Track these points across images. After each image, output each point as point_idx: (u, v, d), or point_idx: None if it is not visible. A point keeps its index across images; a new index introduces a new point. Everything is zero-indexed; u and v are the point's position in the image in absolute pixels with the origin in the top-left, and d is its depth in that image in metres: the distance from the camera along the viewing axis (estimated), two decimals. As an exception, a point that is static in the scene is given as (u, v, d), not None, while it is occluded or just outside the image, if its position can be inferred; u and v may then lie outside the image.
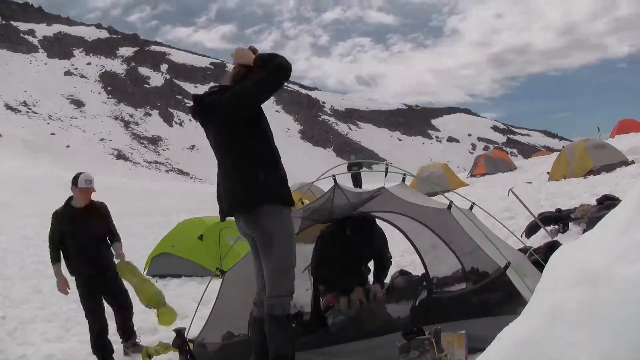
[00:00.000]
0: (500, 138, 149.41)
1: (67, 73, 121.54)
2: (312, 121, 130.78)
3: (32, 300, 7.13)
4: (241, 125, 3.46)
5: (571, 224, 6.87)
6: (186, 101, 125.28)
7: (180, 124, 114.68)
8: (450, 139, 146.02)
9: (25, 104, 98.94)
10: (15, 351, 5.08)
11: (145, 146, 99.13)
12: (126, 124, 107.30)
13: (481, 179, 21.01)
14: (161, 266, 9.03)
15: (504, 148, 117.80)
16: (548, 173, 15.05)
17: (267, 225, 3.42)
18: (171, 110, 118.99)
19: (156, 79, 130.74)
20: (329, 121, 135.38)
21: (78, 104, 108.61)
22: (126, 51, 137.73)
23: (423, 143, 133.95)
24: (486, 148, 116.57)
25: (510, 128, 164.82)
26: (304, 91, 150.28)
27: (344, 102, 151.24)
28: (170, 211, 23.83)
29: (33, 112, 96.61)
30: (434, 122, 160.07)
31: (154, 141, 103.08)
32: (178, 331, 4.40)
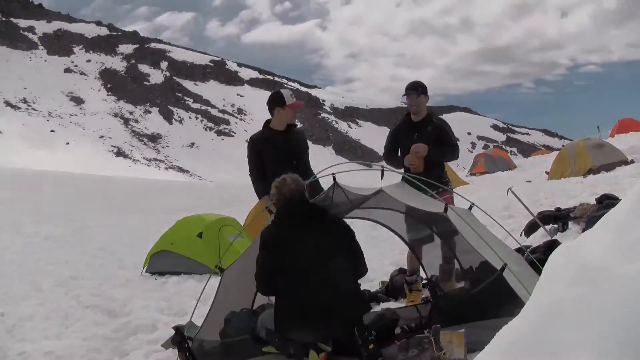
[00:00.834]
0: (499, 137, 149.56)
1: (67, 70, 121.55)
2: (312, 119, 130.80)
3: (31, 297, 7.11)
4: None
5: (570, 223, 6.87)
6: (186, 99, 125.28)
7: (180, 122, 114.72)
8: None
9: (25, 101, 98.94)
10: (14, 348, 5.08)
11: (144, 143, 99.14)
12: (126, 121, 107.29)
13: (481, 178, 21.03)
14: (160, 263, 9.03)
15: (504, 147, 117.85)
16: (547, 173, 15.06)
17: None
18: (171, 107, 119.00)
19: (156, 77, 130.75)
20: (329, 119, 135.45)
21: (78, 101, 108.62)
22: (126, 48, 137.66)
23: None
24: (486, 147, 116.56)
25: (509, 127, 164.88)
26: (304, 89, 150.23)
27: (344, 100, 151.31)
28: (169, 208, 23.84)
29: (33, 109, 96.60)
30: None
31: (154, 138, 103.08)
32: (177, 329, 4.41)
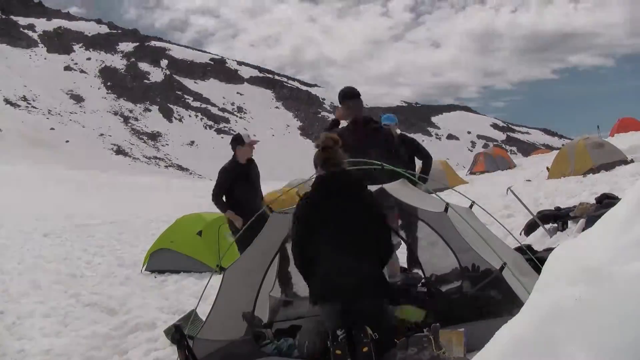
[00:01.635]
0: (499, 136, 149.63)
1: (67, 68, 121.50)
2: (312, 117, 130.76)
3: (31, 294, 7.12)
4: None
5: (570, 222, 6.86)
6: (186, 97, 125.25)
7: (179, 120, 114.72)
8: (449, 137, 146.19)
9: (24, 99, 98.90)
10: (13, 346, 5.08)
11: (144, 141, 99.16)
12: (125, 120, 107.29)
13: (480, 177, 21.03)
14: (160, 262, 9.04)
15: (504, 146, 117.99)
16: (548, 168, 15.04)
17: None
18: (171, 105, 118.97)
19: (156, 75, 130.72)
20: (329, 117, 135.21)
21: (78, 99, 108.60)
22: (126, 46, 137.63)
23: (423, 140, 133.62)
24: (486, 146, 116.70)
25: (509, 126, 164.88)
26: (304, 87, 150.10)
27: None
28: (169, 207, 23.84)
29: (32, 107, 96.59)
30: (434, 120, 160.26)
31: (154, 137, 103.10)
32: (177, 327, 4.39)
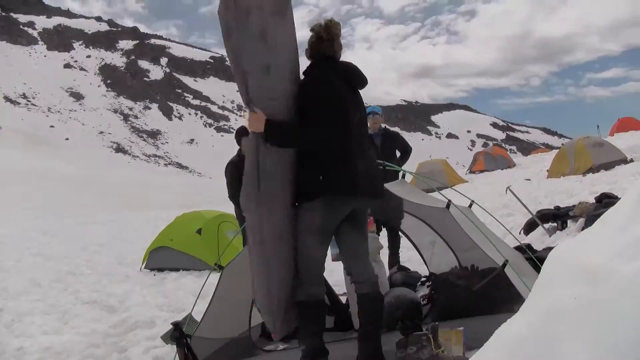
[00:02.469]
0: (499, 135, 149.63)
1: (67, 65, 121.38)
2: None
3: (30, 292, 7.13)
4: None
5: (569, 222, 6.87)
6: (186, 95, 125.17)
7: (179, 118, 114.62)
8: (449, 136, 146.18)
9: (24, 96, 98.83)
10: (12, 343, 5.08)
11: (144, 139, 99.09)
12: (125, 117, 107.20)
13: (480, 176, 21.06)
14: (159, 260, 9.05)
15: (503, 145, 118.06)
16: (547, 171, 15.06)
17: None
18: (170, 103, 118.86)
19: (156, 73, 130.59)
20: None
21: (77, 97, 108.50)
22: (126, 44, 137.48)
23: (422, 139, 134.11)
24: (485, 145, 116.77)
25: (509, 125, 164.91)
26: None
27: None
28: (168, 205, 23.85)
29: (32, 105, 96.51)
30: (434, 119, 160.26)
31: (153, 135, 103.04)
32: (176, 325, 4.40)
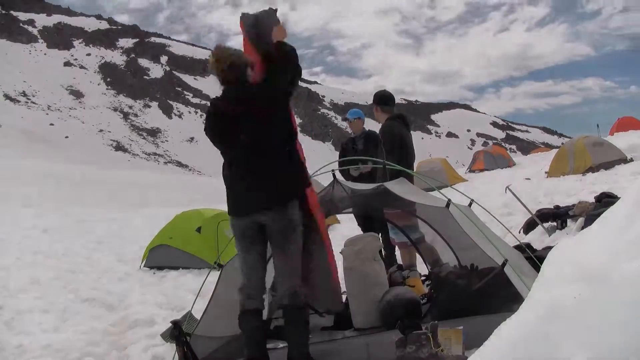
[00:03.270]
0: (499, 134, 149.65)
1: (67, 64, 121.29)
2: (312, 115, 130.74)
3: (29, 290, 7.12)
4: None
5: (569, 221, 6.87)
6: (185, 93, 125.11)
7: (179, 116, 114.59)
8: (449, 134, 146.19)
9: (24, 94, 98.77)
10: (11, 341, 5.08)
11: (144, 138, 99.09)
12: (125, 116, 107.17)
13: (480, 175, 21.05)
14: (159, 258, 9.04)
15: (503, 144, 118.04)
16: (547, 170, 15.04)
17: (295, 217, 3.51)
18: (170, 102, 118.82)
19: (156, 71, 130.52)
20: (328, 115, 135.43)
21: (77, 95, 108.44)
22: (126, 42, 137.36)
23: (422, 138, 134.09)
24: (485, 144, 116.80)
25: (509, 124, 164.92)
26: (304, 84, 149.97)
27: (344, 96, 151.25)
28: (168, 203, 23.85)
29: (32, 103, 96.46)
30: (434, 118, 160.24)
31: (153, 133, 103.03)
32: (175, 323, 4.40)
